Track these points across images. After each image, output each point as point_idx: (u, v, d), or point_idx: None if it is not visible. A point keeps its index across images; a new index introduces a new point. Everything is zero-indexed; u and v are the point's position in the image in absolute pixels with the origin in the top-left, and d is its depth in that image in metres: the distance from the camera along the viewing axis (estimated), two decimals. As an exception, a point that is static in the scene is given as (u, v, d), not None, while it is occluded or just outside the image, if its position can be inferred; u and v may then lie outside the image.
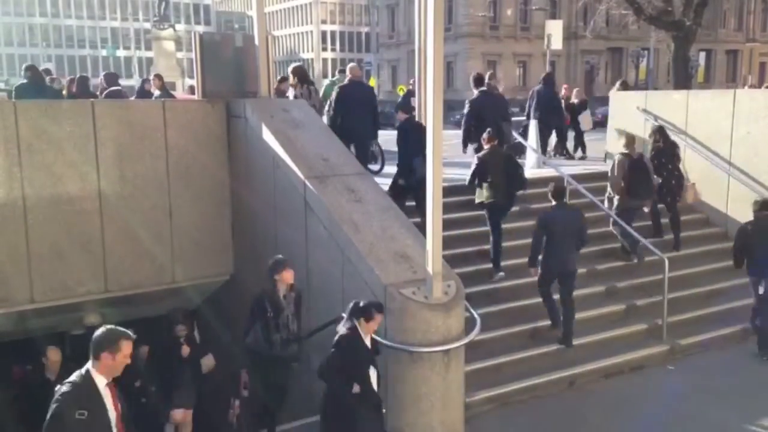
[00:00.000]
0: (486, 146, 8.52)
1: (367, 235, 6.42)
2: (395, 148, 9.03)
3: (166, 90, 13.00)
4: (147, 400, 6.49)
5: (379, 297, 5.98)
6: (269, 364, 6.20)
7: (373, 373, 5.39)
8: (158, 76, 13.07)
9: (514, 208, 9.60)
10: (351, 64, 10.74)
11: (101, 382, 3.97)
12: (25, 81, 11.01)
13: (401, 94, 30.01)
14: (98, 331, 4.05)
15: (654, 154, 9.81)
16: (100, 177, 7.68)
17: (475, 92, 10.22)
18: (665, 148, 9.79)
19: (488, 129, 8.69)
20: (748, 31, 62.53)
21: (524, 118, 14.25)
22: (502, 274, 8.34)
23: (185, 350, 6.57)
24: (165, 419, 6.53)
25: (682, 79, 20.32)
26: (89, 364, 3.98)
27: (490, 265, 8.42)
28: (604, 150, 12.66)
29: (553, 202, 7.63)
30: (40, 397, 5.61)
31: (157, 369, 6.61)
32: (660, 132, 9.99)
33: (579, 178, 10.27)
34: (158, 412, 6.53)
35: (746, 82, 48.45)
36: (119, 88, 12.20)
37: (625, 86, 13.98)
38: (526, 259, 7.70)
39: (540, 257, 7.47)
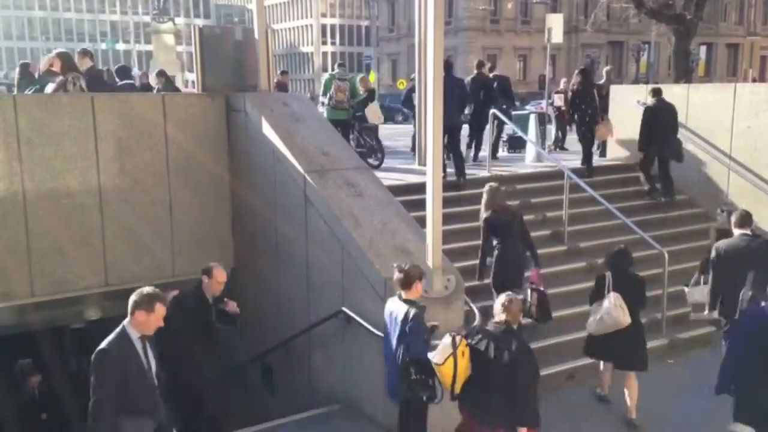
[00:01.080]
0: None
1: (367, 230, 6.42)
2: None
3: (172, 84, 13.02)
4: None
5: (379, 291, 5.98)
6: None
7: None
8: (162, 73, 13.00)
9: (515, 202, 9.61)
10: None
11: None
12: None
13: (401, 88, 29.97)
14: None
15: (572, 95, 11.53)
16: (99, 171, 7.67)
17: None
18: (583, 90, 11.20)
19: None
20: (749, 25, 62.44)
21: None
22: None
23: None
24: None
25: (683, 73, 20.28)
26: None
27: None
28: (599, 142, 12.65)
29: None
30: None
31: None
32: (582, 74, 11.42)
33: (579, 172, 10.27)
34: None
35: (747, 76, 48.44)
36: (132, 81, 12.14)
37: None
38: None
39: None
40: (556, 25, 16.32)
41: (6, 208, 7.28)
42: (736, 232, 6.60)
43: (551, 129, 15.30)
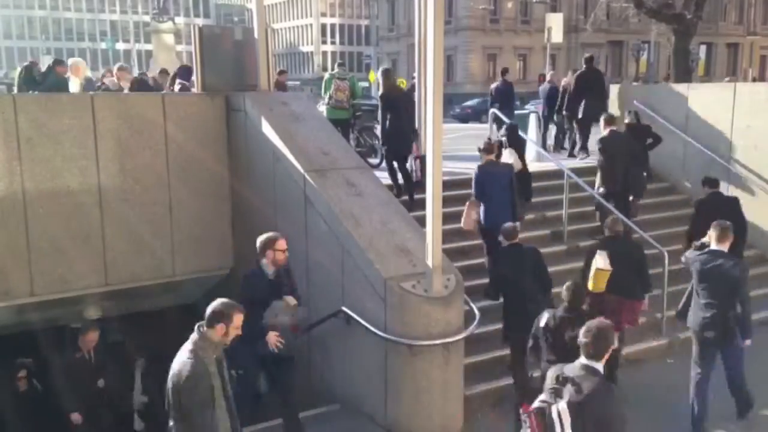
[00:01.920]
0: None
1: (367, 229, 6.42)
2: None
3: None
4: None
5: (378, 291, 5.99)
6: None
7: None
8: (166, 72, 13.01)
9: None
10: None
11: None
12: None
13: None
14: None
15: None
16: (99, 170, 7.67)
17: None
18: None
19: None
20: (749, 24, 62.37)
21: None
22: None
23: None
24: None
25: (683, 73, 20.24)
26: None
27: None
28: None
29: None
30: None
31: None
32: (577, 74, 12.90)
33: (578, 171, 10.27)
34: None
35: (747, 76, 48.40)
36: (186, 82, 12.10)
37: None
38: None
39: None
40: (555, 24, 16.38)
41: (6, 207, 7.27)
42: (606, 130, 9.32)
43: (551, 128, 15.27)
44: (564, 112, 12.92)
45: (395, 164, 9.46)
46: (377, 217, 6.61)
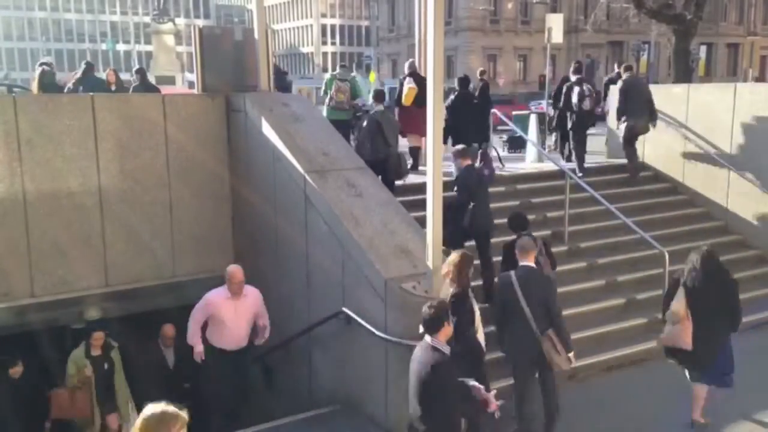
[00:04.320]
0: None
1: (367, 230, 6.42)
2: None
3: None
4: None
5: (379, 292, 5.98)
6: None
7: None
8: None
9: (515, 201, 9.59)
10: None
11: None
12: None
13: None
14: None
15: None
16: (99, 171, 7.68)
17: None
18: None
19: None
20: (749, 25, 62.42)
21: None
22: None
23: None
24: None
25: (683, 73, 20.24)
26: None
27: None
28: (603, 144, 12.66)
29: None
30: None
31: None
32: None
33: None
34: None
35: (747, 76, 48.41)
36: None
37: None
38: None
39: None
40: (556, 25, 16.32)
41: (6, 208, 7.28)
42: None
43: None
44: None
45: None
46: (378, 218, 6.61)
